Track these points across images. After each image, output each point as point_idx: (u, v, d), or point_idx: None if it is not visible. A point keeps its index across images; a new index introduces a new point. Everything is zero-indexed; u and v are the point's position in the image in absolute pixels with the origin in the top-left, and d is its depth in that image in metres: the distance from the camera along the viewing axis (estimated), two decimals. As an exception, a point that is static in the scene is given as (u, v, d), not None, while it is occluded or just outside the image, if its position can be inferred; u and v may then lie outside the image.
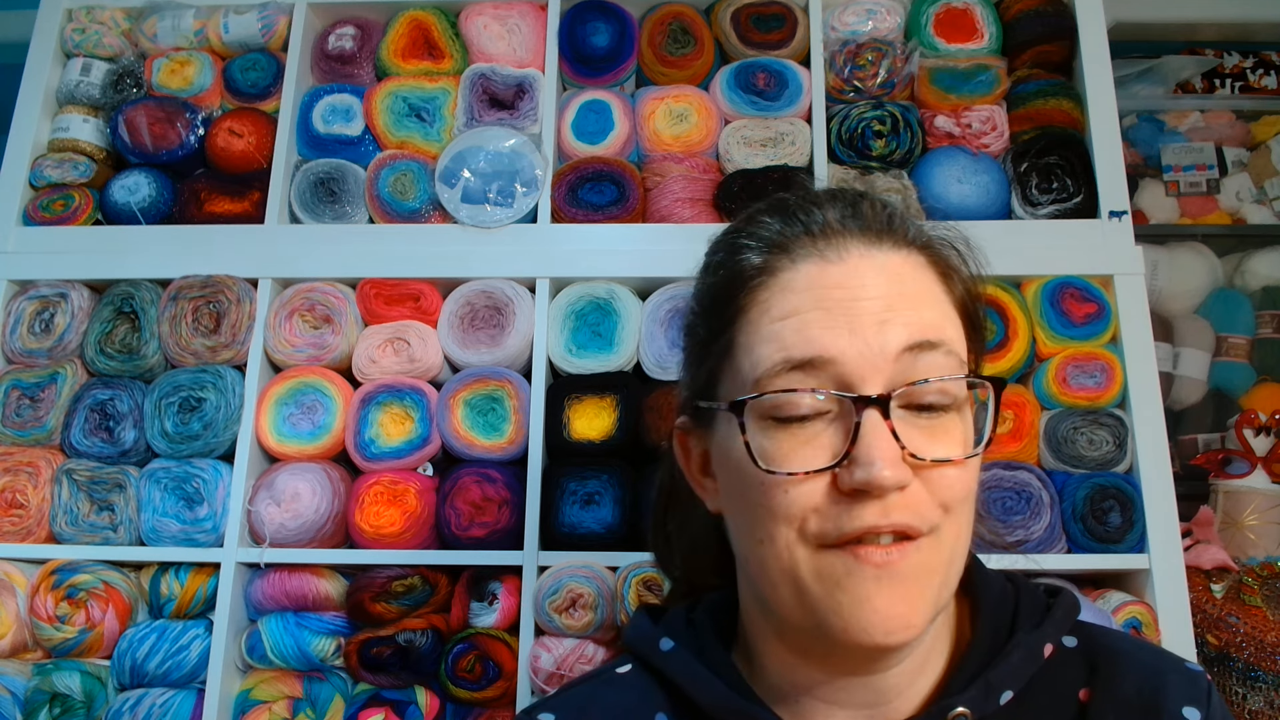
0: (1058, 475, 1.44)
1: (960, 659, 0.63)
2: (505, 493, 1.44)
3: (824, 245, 0.60)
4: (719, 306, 0.63)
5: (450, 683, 1.39)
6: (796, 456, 0.57)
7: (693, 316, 0.68)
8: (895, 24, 1.66)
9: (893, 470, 0.54)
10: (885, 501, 0.55)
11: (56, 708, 1.39)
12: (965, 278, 0.64)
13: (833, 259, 0.60)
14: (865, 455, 0.54)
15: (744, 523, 0.61)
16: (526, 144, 1.58)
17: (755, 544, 0.59)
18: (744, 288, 0.61)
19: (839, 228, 0.61)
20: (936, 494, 0.56)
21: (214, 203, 1.62)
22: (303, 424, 1.49)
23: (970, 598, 0.67)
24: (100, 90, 1.70)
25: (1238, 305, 2.04)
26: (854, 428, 0.55)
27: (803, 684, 0.63)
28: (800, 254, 0.60)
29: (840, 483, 0.56)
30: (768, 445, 0.57)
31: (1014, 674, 0.61)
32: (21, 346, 1.55)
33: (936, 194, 1.54)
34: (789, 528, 0.57)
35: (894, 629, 0.55)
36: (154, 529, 1.44)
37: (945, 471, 0.56)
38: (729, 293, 0.62)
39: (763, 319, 0.59)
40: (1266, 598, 1.50)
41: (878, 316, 0.57)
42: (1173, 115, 2.21)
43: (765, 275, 0.61)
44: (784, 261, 0.60)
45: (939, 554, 0.57)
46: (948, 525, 0.57)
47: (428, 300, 1.54)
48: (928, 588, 0.56)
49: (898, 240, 0.61)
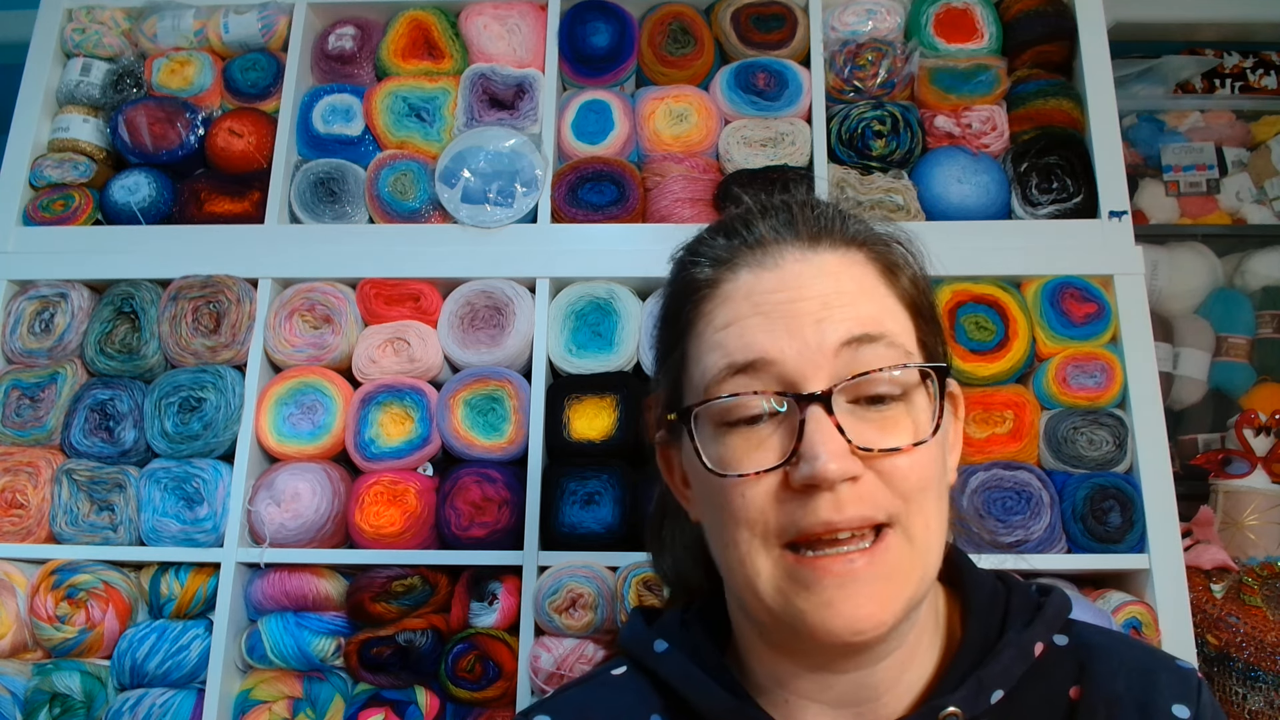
0: (1058, 475, 1.44)
1: (951, 658, 0.64)
2: (505, 493, 1.44)
3: (761, 255, 0.62)
4: (671, 320, 0.67)
5: (450, 683, 1.39)
6: (748, 459, 0.58)
7: (656, 333, 0.71)
8: (895, 24, 1.66)
9: (838, 463, 0.55)
10: (837, 495, 0.56)
11: (56, 708, 1.39)
12: (910, 273, 0.65)
13: (769, 266, 0.62)
14: (810, 450, 0.55)
15: (714, 528, 0.62)
16: (526, 144, 1.58)
17: (723, 549, 0.61)
18: (690, 301, 0.64)
19: (773, 237, 0.63)
20: (891, 484, 0.57)
21: (214, 203, 1.62)
22: (303, 424, 1.49)
23: (961, 597, 0.67)
24: (100, 90, 1.70)
25: (1238, 305, 2.04)
26: (799, 425, 0.57)
27: (789, 682, 0.64)
28: (740, 265, 0.63)
29: (791, 480, 0.57)
30: (721, 451, 0.59)
31: (1005, 673, 0.61)
32: (21, 346, 1.55)
33: (936, 194, 1.54)
34: (749, 531, 0.58)
35: (862, 628, 0.56)
36: (154, 529, 1.44)
37: (896, 461, 0.57)
38: (678, 307, 0.65)
39: (707, 329, 0.62)
40: (1266, 598, 1.50)
41: (815, 315, 0.58)
42: (1173, 115, 2.21)
43: (709, 288, 0.63)
44: (725, 274, 0.63)
45: (909, 550, 0.58)
46: (913, 516, 0.58)
47: (428, 300, 1.54)
48: (902, 584, 0.57)
49: (835, 241, 0.63)
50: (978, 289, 1.49)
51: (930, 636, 0.65)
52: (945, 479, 0.62)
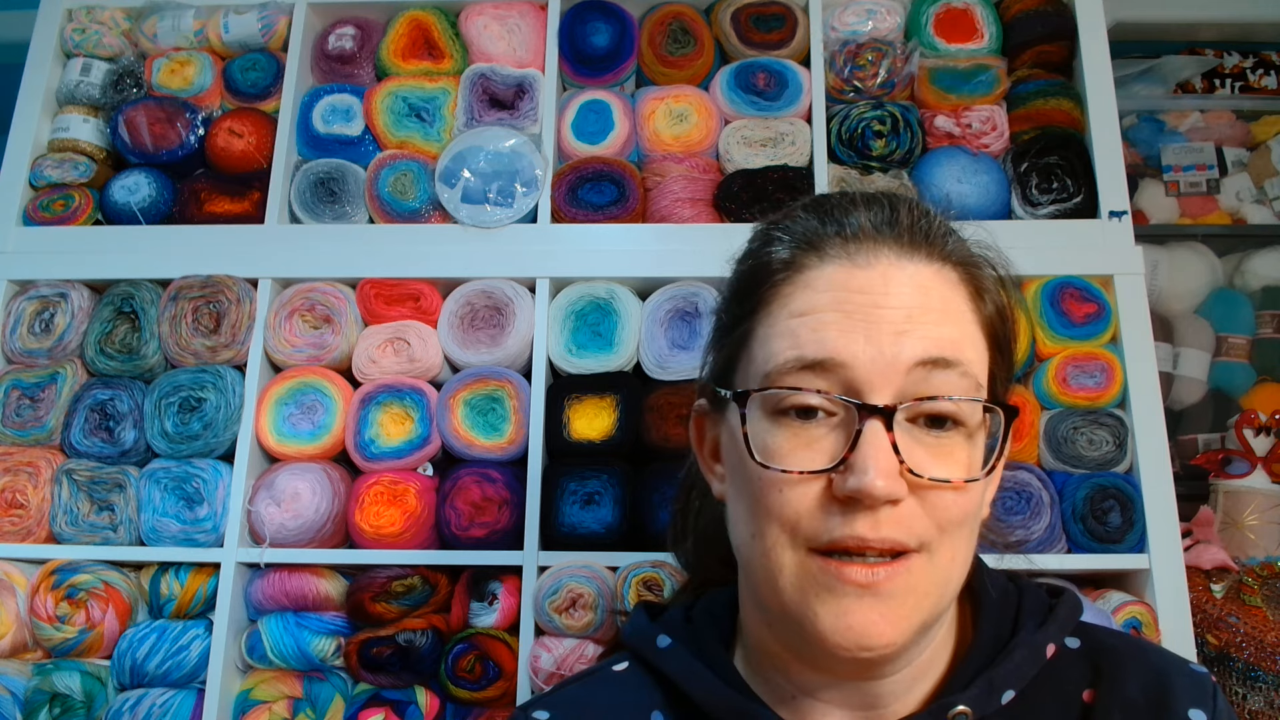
0: (1058, 475, 1.44)
1: (962, 658, 0.63)
2: (505, 493, 1.44)
3: (854, 249, 0.59)
4: (742, 295, 0.63)
5: (450, 683, 1.39)
6: (795, 456, 0.56)
7: (720, 302, 0.68)
8: (895, 24, 1.66)
9: (885, 481, 0.53)
10: (877, 514, 0.54)
11: (56, 708, 1.39)
12: (998, 300, 0.63)
13: (861, 263, 0.59)
14: (861, 463, 0.54)
15: (740, 514, 0.61)
16: (526, 144, 1.58)
17: (749, 537, 0.59)
18: (768, 280, 0.61)
19: (872, 233, 0.60)
20: (932, 514, 0.56)
21: (214, 203, 1.62)
22: (303, 424, 1.49)
23: (973, 598, 0.66)
24: (100, 90, 1.70)
25: (1238, 305, 2.04)
26: (855, 434, 0.55)
27: (799, 682, 0.63)
28: (830, 254, 0.60)
29: (835, 488, 0.55)
30: (768, 441, 0.57)
31: (1016, 673, 0.60)
32: (21, 346, 1.55)
33: (936, 194, 1.53)
34: (780, 528, 0.57)
35: (871, 644, 0.54)
36: (154, 529, 1.44)
37: (943, 493, 0.56)
38: (753, 283, 0.62)
39: (781, 313, 0.59)
40: (1266, 598, 1.50)
41: (896, 326, 0.56)
42: (1173, 115, 2.20)
43: (791, 270, 0.60)
44: (812, 259, 0.60)
45: (931, 575, 0.56)
46: (943, 546, 0.56)
47: (428, 300, 1.54)
48: (916, 608, 0.56)
49: (933, 253, 0.60)
50: (978, 289, 1.49)
51: (944, 641, 0.64)
52: (981, 513, 0.60)
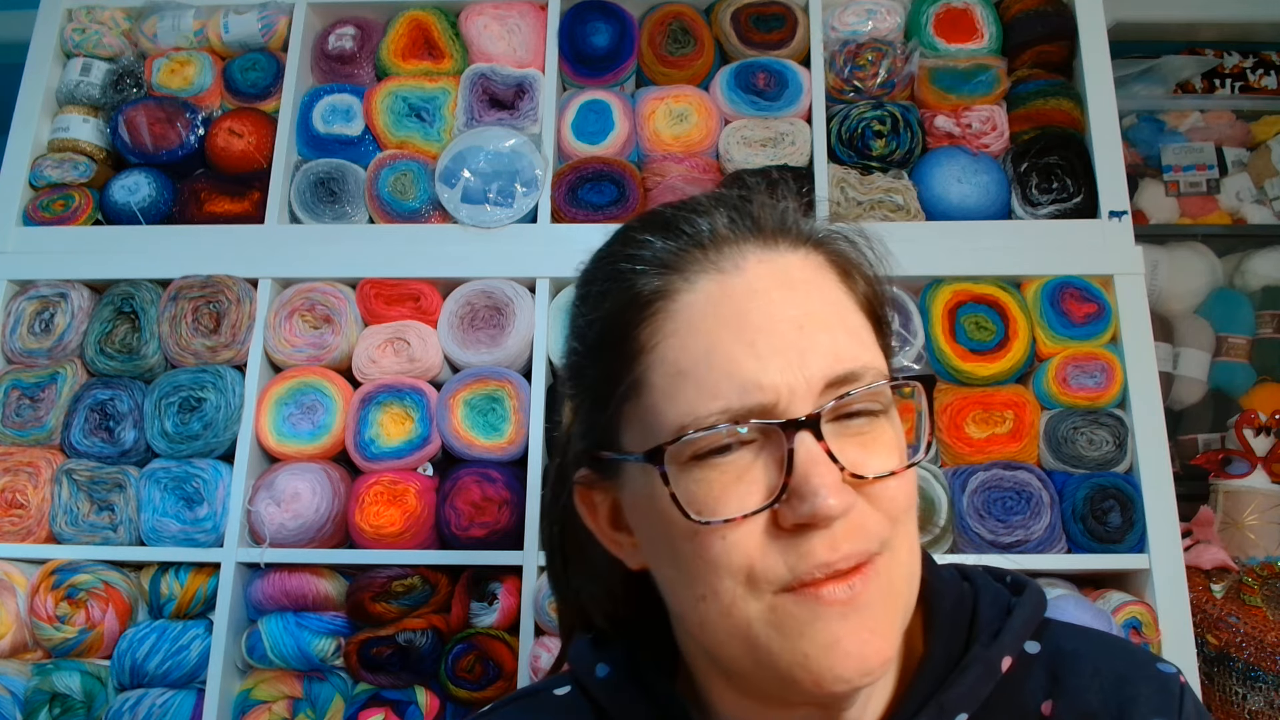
0: (1058, 475, 1.44)
1: (912, 678, 0.58)
2: (505, 493, 1.44)
3: (716, 255, 0.55)
4: (613, 344, 0.56)
5: (450, 683, 1.39)
6: (729, 497, 0.51)
7: (576, 357, 0.61)
8: (895, 24, 1.66)
9: (838, 498, 0.49)
10: (832, 531, 0.50)
11: (56, 708, 1.39)
12: (866, 274, 0.59)
13: (729, 270, 0.54)
14: (806, 486, 0.49)
15: (678, 578, 0.55)
16: (526, 144, 1.58)
17: (696, 601, 0.53)
18: (639, 319, 0.54)
19: (730, 234, 0.55)
20: (882, 508, 0.52)
21: (214, 203, 1.62)
22: (303, 424, 1.49)
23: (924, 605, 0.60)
24: (100, 90, 1.70)
25: (1238, 305, 2.04)
26: (787, 455, 0.50)
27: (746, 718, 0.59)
28: (694, 270, 0.54)
29: (781, 519, 0.50)
30: (694, 489, 0.51)
31: (969, 695, 0.56)
32: (21, 346, 1.55)
33: (936, 194, 1.53)
34: (732, 580, 0.51)
35: (870, 667, 0.51)
36: (154, 529, 1.44)
37: (887, 484, 0.52)
38: (623, 327, 0.55)
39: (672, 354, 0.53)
40: (1266, 598, 1.50)
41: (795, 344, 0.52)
42: (1173, 115, 2.21)
43: (661, 301, 0.54)
44: (677, 282, 0.54)
45: (897, 570, 0.53)
46: (899, 537, 0.53)
47: (428, 300, 1.54)
48: (894, 610, 0.53)
49: (794, 240, 0.56)
50: (978, 289, 1.49)
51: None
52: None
